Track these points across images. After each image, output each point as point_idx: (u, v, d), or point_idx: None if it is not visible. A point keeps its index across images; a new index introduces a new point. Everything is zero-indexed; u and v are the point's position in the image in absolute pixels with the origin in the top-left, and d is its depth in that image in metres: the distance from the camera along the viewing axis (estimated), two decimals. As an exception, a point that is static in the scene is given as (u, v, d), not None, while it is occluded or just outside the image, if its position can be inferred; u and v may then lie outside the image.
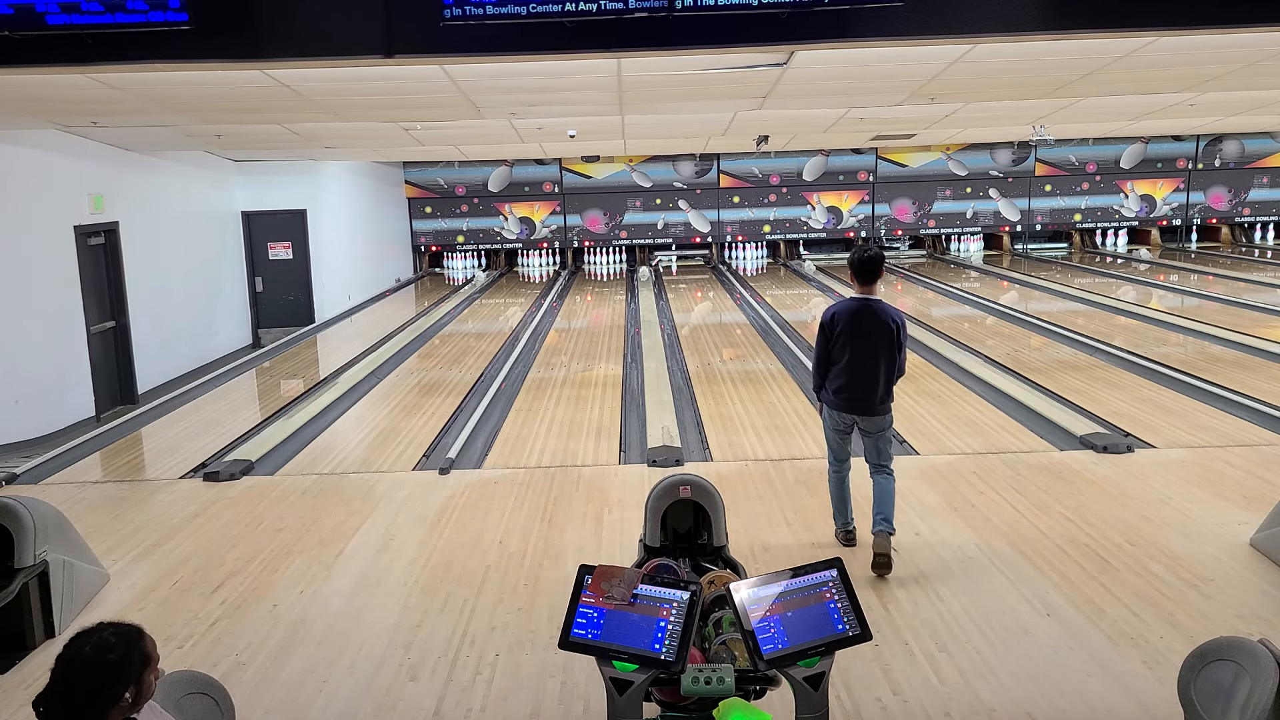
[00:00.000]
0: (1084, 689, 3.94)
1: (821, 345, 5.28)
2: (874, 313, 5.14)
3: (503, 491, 6.65)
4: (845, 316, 5.19)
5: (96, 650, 2.28)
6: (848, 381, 5.17)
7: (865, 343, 5.10)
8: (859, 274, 5.22)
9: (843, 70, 7.34)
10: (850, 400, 5.20)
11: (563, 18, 4.91)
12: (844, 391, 5.20)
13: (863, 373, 5.13)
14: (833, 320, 5.21)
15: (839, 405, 5.24)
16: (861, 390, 5.15)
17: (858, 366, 5.13)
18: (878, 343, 5.09)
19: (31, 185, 9.09)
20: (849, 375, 5.15)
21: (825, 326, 5.24)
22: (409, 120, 10.00)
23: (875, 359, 5.10)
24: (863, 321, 5.14)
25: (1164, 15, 5.21)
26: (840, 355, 5.17)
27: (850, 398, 5.19)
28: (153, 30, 4.95)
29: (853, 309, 5.18)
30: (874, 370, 5.11)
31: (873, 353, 5.10)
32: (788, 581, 2.86)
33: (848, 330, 5.15)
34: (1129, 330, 12.16)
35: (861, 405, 5.19)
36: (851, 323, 5.16)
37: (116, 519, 6.38)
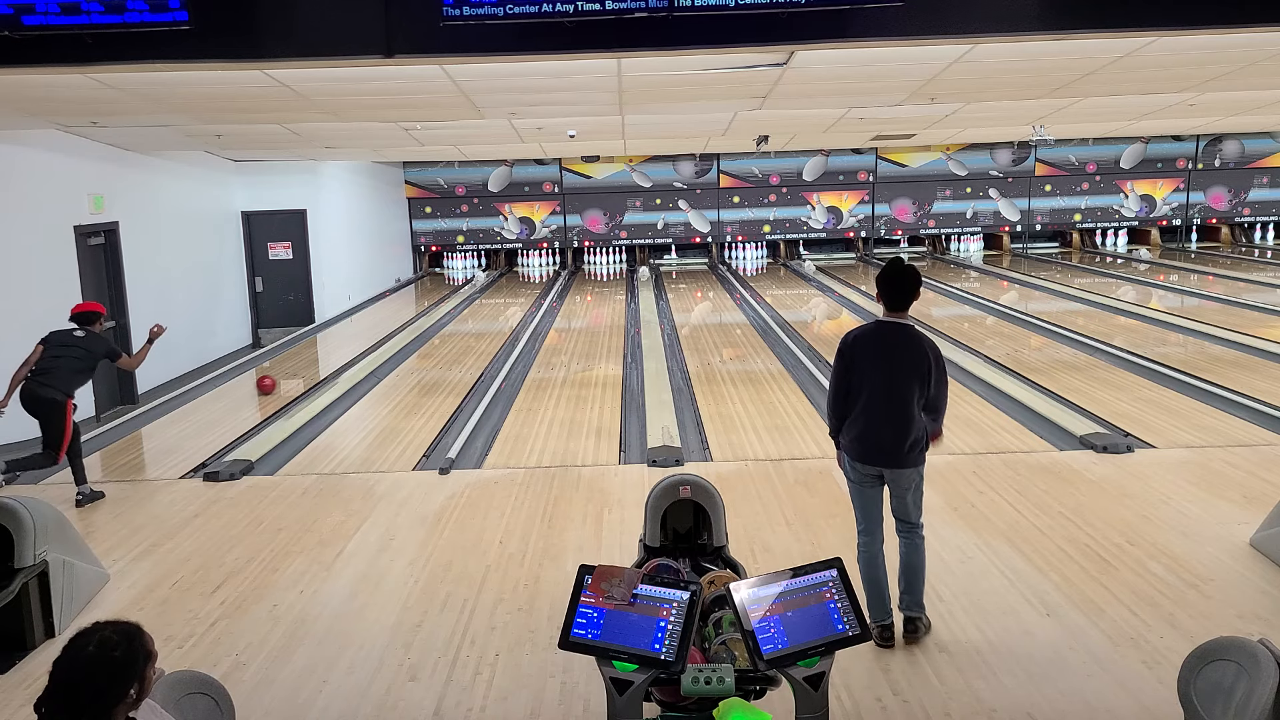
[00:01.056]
0: (1084, 689, 3.94)
1: (838, 377, 4.37)
2: (902, 338, 4.26)
3: (503, 491, 6.65)
4: (866, 343, 4.31)
5: (100, 649, 2.28)
6: (869, 424, 4.27)
7: (890, 376, 4.22)
8: (885, 292, 4.33)
9: (843, 70, 7.34)
10: (871, 448, 4.29)
11: (563, 18, 4.91)
12: (865, 438, 4.29)
13: (887, 414, 4.23)
14: (852, 346, 4.32)
15: (857, 453, 4.34)
16: (886, 436, 4.24)
17: (881, 406, 4.24)
18: (907, 376, 4.22)
19: (31, 185, 9.08)
20: (870, 416, 4.27)
21: (843, 353, 4.34)
22: (409, 120, 10.00)
23: (903, 396, 4.20)
24: (887, 349, 4.27)
25: (1164, 15, 5.20)
26: (859, 391, 4.29)
27: (871, 445, 4.29)
28: (153, 30, 4.95)
29: (876, 333, 4.32)
30: (901, 410, 4.21)
31: (899, 389, 4.20)
32: (788, 581, 2.86)
33: (869, 360, 4.27)
34: (1129, 330, 12.16)
35: (886, 455, 4.27)
36: (874, 350, 4.28)
37: (116, 519, 6.38)
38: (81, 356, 6.70)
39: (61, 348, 6.70)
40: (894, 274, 4.29)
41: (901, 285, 4.28)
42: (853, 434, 4.34)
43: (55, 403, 6.59)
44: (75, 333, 6.81)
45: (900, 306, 4.30)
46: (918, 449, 4.27)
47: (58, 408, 6.61)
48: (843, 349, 4.35)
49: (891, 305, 4.31)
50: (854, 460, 4.37)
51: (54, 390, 6.58)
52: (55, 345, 6.72)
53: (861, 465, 4.34)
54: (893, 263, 4.33)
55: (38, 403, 6.60)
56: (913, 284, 4.28)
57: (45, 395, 6.58)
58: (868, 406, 4.26)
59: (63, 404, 6.62)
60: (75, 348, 6.71)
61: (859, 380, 4.28)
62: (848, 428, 4.37)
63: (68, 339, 6.77)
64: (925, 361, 4.22)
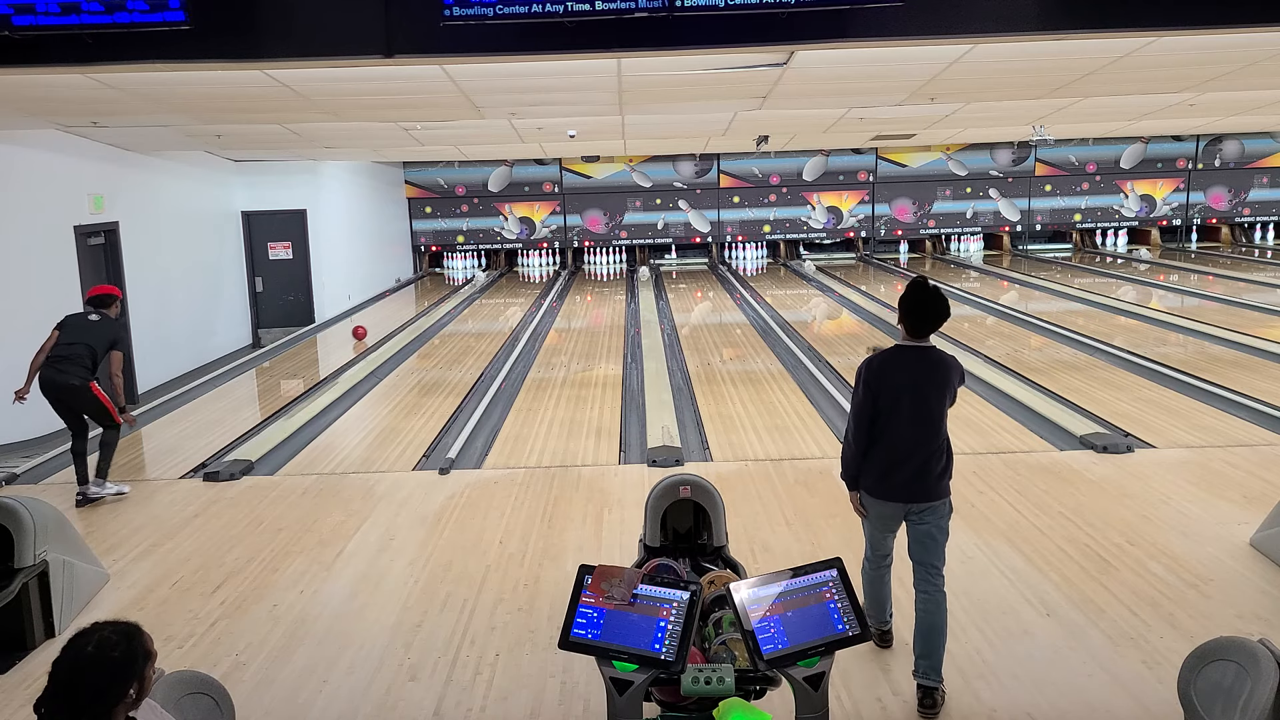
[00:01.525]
0: (1084, 689, 3.94)
1: (864, 406, 3.94)
2: (929, 362, 3.93)
3: (503, 491, 6.65)
4: (893, 369, 3.91)
5: (99, 649, 2.28)
6: (901, 457, 3.89)
7: (922, 403, 3.88)
8: (909, 318, 3.91)
9: (843, 70, 7.34)
10: (902, 484, 3.91)
11: (563, 18, 4.92)
12: (896, 472, 3.90)
13: (919, 443, 3.88)
14: (880, 373, 3.92)
15: (887, 492, 3.94)
16: (918, 467, 3.89)
17: (913, 435, 3.88)
18: (939, 401, 3.90)
19: (31, 185, 9.09)
20: (903, 449, 3.89)
21: (869, 383, 3.93)
22: (409, 120, 10.00)
23: (934, 423, 3.90)
24: (917, 374, 3.90)
25: (1164, 15, 5.20)
26: (889, 421, 3.90)
27: (902, 480, 3.90)
28: (152, 30, 4.95)
29: (902, 358, 3.94)
30: (934, 438, 3.90)
31: (930, 415, 3.89)
32: (788, 581, 2.86)
33: (899, 387, 3.89)
34: (1129, 330, 12.16)
35: (919, 487, 3.90)
36: (903, 376, 3.90)
37: (116, 519, 6.38)
38: (95, 342, 6.67)
39: (76, 333, 6.68)
40: (920, 298, 3.87)
41: (925, 313, 3.87)
42: (881, 470, 3.95)
43: (77, 388, 6.58)
44: (90, 316, 6.80)
45: (924, 334, 3.93)
46: (948, 475, 3.96)
47: (82, 392, 6.60)
48: (868, 378, 3.94)
49: (916, 332, 3.92)
50: (880, 498, 3.98)
51: (72, 376, 6.56)
52: (70, 330, 6.70)
53: (888, 503, 3.96)
54: (917, 285, 3.90)
55: (59, 390, 6.59)
56: (940, 311, 3.87)
57: (64, 382, 6.56)
58: (896, 438, 3.89)
59: (86, 387, 6.61)
60: (89, 332, 6.68)
61: (887, 411, 3.90)
62: (872, 464, 3.97)
63: (82, 323, 6.75)
64: (952, 384, 3.94)
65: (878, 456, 3.96)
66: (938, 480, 3.92)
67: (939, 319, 3.89)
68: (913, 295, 3.89)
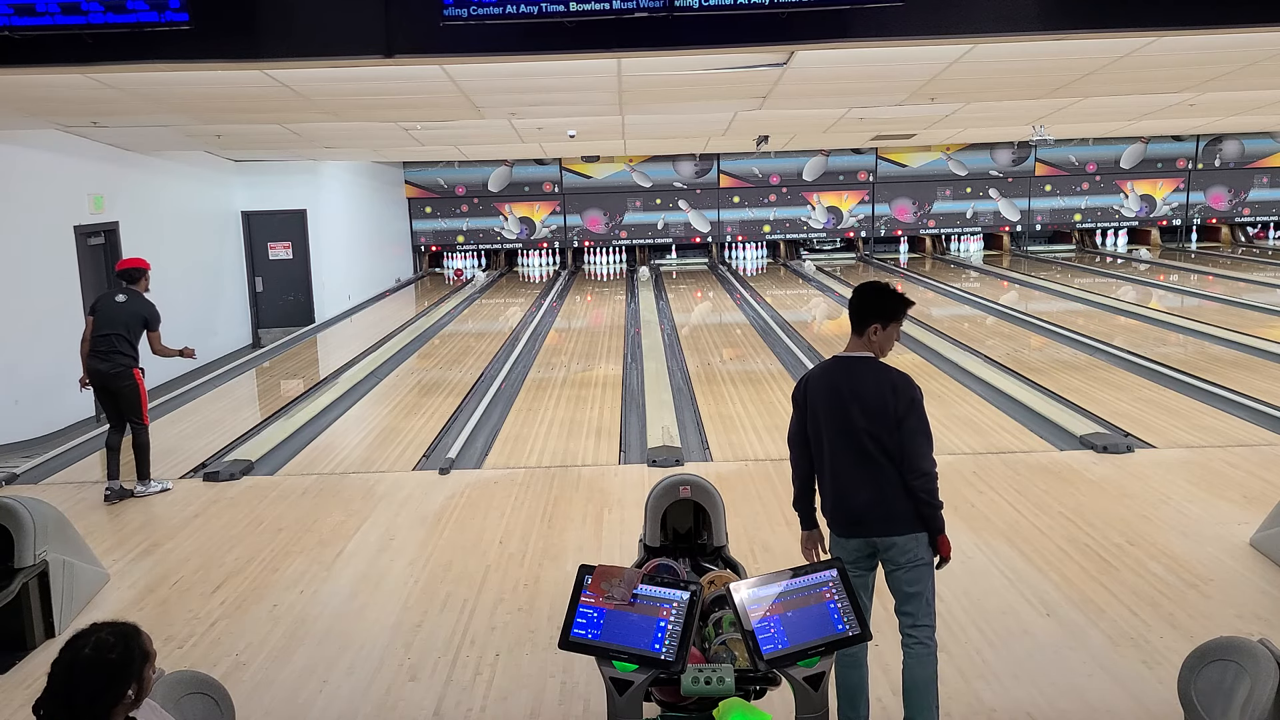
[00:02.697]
0: (1084, 689, 3.94)
1: (791, 429, 3.63)
2: (857, 378, 3.42)
3: (503, 491, 6.65)
4: (819, 387, 3.50)
5: (97, 651, 2.28)
6: (839, 487, 3.46)
7: (844, 424, 3.39)
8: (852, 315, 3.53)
9: (843, 70, 7.34)
10: (847, 517, 3.46)
11: (563, 18, 4.91)
12: (838, 506, 3.49)
13: (854, 473, 3.40)
14: (804, 390, 3.55)
15: (833, 523, 3.54)
16: (859, 499, 3.40)
17: (845, 463, 3.42)
18: (869, 422, 3.35)
19: (31, 185, 9.09)
20: (837, 478, 3.46)
21: (795, 398, 3.61)
22: (409, 120, 10.00)
23: (861, 448, 3.37)
24: (841, 393, 3.41)
25: (1164, 15, 5.20)
26: (820, 447, 3.50)
27: (845, 513, 3.47)
28: (153, 30, 4.95)
29: (831, 374, 3.49)
30: (870, 464, 3.37)
31: (856, 438, 3.37)
32: (788, 581, 2.86)
33: (820, 403, 3.47)
34: (1129, 330, 12.16)
35: (865, 522, 3.42)
36: (829, 395, 3.44)
37: (116, 519, 6.38)
38: (125, 326, 6.62)
39: (105, 320, 6.63)
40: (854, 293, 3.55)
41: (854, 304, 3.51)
42: (825, 500, 3.56)
43: (119, 375, 6.57)
44: (117, 298, 6.74)
45: (856, 330, 3.49)
46: (908, 512, 3.37)
47: (125, 378, 6.59)
48: (796, 399, 3.59)
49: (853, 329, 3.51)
50: (831, 527, 3.55)
51: (112, 363, 6.55)
52: (100, 317, 6.65)
53: (845, 538, 3.49)
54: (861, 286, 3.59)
55: (103, 378, 6.59)
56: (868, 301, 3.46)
57: (106, 369, 6.56)
58: (834, 464, 3.45)
59: (129, 372, 6.60)
60: (117, 317, 6.63)
61: (816, 432, 3.50)
62: (821, 493, 3.59)
63: (110, 308, 6.69)
64: (888, 401, 3.34)
65: (824, 486, 3.55)
66: (894, 512, 3.37)
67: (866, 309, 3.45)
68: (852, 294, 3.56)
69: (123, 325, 6.62)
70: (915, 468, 3.33)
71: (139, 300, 6.78)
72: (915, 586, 3.41)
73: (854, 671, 3.54)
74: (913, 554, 3.40)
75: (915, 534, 3.39)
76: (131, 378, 6.64)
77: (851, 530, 3.47)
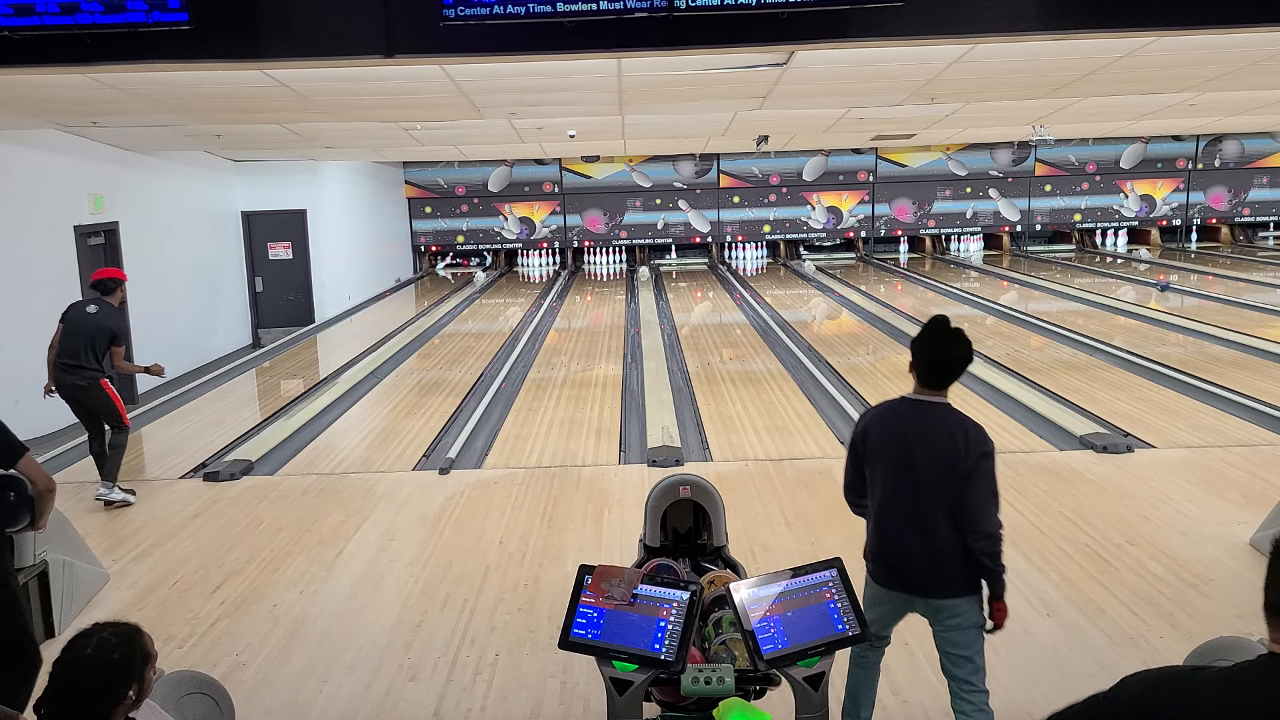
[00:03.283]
0: (1084, 689, 3.92)
1: (848, 471, 3.43)
2: (927, 423, 3.19)
3: (503, 491, 6.65)
4: (882, 428, 3.27)
5: (99, 651, 2.28)
6: (885, 537, 3.27)
7: (908, 474, 3.18)
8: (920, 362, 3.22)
9: (843, 70, 7.33)
10: (890, 568, 3.28)
11: (563, 18, 4.91)
12: (882, 555, 3.30)
13: (906, 524, 3.20)
14: (864, 433, 3.31)
15: (876, 570, 3.33)
16: (908, 552, 3.20)
17: (897, 512, 3.23)
18: (933, 474, 3.14)
19: (31, 185, 9.08)
20: (886, 526, 3.27)
21: (854, 438, 3.37)
22: (409, 120, 10.00)
23: (924, 502, 3.15)
24: (907, 437, 3.19)
25: (1164, 15, 5.20)
26: (875, 491, 3.29)
27: (890, 564, 3.28)
28: (152, 30, 4.95)
29: (899, 416, 3.25)
30: (924, 520, 3.16)
31: (920, 491, 3.16)
32: (788, 581, 2.86)
33: (883, 451, 3.25)
34: (1129, 330, 12.17)
35: (911, 578, 3.23)
36: (890, 438, 3.24)
37: (116, 519, 6.39)
38: (91, 339, 6.48)
39: (73, 330, 6.51)
40: (925, 338, 3.20)
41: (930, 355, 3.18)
42: (871, 545, 3.34)
43: (85, 388, 6.48)
44: (88, 309, 6.61)
45: (938, 384, 3.20)
46: (963, 571, 3.16)
47: (92, 391, 6.50)
48: (854, 434, 3.36)
49: (926, 380, 3.21)
50: (875, 581, 3.33)
51: (79, 376, 6.45)
52: (69, 327, 6.55)
53: (883, 589, 3.31)
54: (931, 322, 3.23)
55: (73, 390, 6.51)
56: (961, 357, 3.16)
57: (73, 381, 6.47)
58: (886, 511, 3.25)
59: (96, 384, 6.50)
60: (85, 328, 6.50)
61: (873, 477, 3.28)
62: (868, 539, 3.37)
63: (79, 318, 6.56)
64: (957, 453, 3.10)
65: (870, 529, 3.33)
66: (948, 573, 3.16)
67: (952, 365, 3.15)
68: (922, 333, 3.22)
69: (88, 338, 6.47)
70: (978, 528, 3.12)
71: (109, 313, 6.62)
72: (965, 650, 3.22)
73: (865, 672, 3.49)
74: (963, 617, 3.19)
75: (967, 597, 3.18)
76: (100, 388, 6.52)
77: (896, 583, 3.27)
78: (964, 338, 3.16)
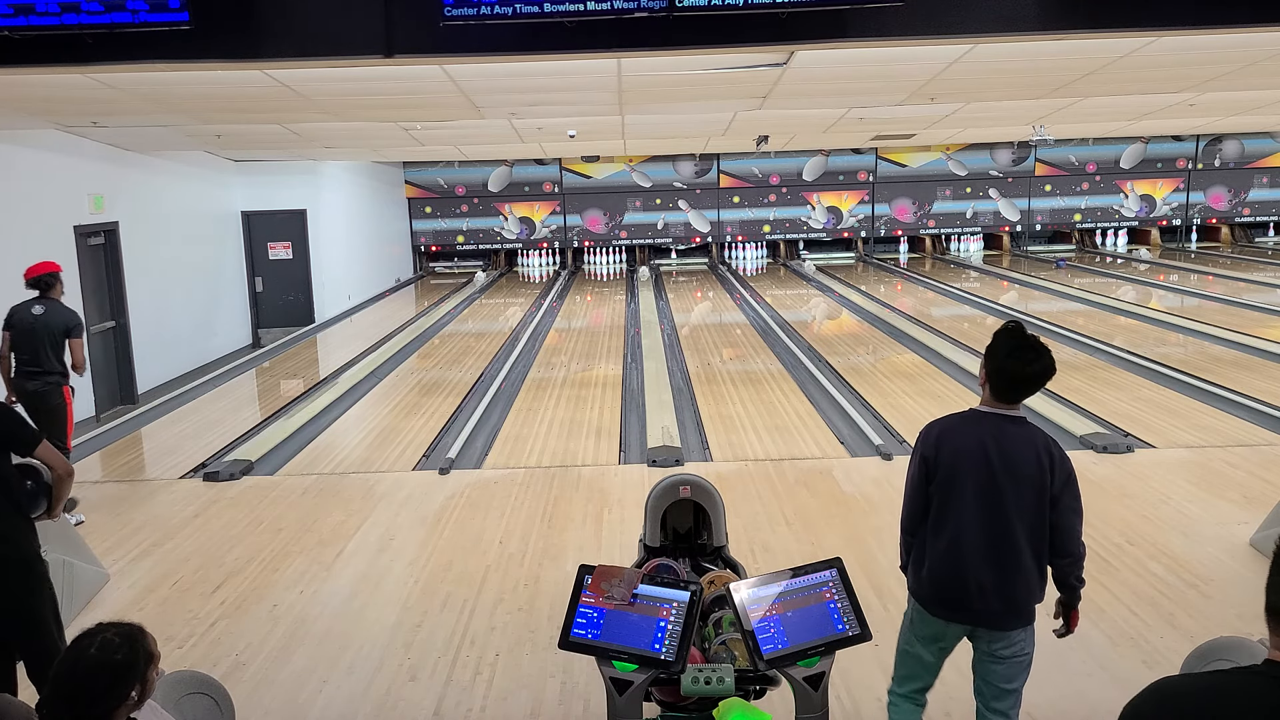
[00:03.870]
0: (1084, 689, 3.94)
1: (916, 484, 3.08)
2: (1008, 441, 2.97)
3: (503, 491, 6.65)
4: (959, 442, 3.00)
5: (102, 651, 2.28)
6: (959, 565, 2.97)
7: (989, 497, 2.93)
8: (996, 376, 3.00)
9: (843, 70, 7.34)
10: (958, 599, 3.00)
11: (563, 18, 4.91)
12: (947, 581, 3.00)
13: (985, 550, 2.94)
14: (937, 447, 3.03)
15: (934, 600, 3.05)
16: (982, 581, 2.95)
17: (975, 538, 2.95)
18: (1017, 495, 2.92)
19: (31, 185, 9.08)
20: (960, 553, 2.97)
21: (925, 454, 3.05)
22: (409, 120, 10.00)
23: (1006, 526, 2.92)
24: (987, 457, 2.95)
25: (1164, 15, 5.21)
26: (945, 513, 2.99)
27: (958, 595, 2.99)
28: (152, 30, 4.95)
29: (981, 429, 3.00)
30: (1003, 546, 2.93)
31: (1005, 513, 2.92)
32: (788, 581, 2.86)
33: (961, 471, 2.97)
34: (1129, 330, 12.17)
35: (979, 608, 2.98)
36: (972, 454, 2.97)
37: (116, 519, 6.38)
38: (43, 342, 6.19)
39: (23, 339, 6.19)
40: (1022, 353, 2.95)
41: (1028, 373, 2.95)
42: (930, 571, 3.03)
43: (49, 393, 6.22)
44: (33, 310, 6.25)
45: (1015, 399, 3.00)
46: (1031, 601, 2.98)
47: (55, 397, 6.23)
48: (923, 449, 3.05)
49: (1004, 395, 2.99)
50: (928, 607, 3.06)
51: (42, 381, 6.20)
52: (17, 335, 6.21)
53: (940, 622, 3.05)
54: (1010, 333, 3.02)
55: (33, 398, 6.21)
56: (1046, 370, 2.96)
57: (36, 388, 6.20)
58: (958, 537, 2.96)
59: (59, 390, 6.24)
60: (35, 333, 6.18)
61: (945, 496, 2.99)
62: (921, 559, 3.07)
63: (25, 323, 6.21)
64: (1044, 472, 2.92)
65: (935, 554, 3.02)
66: (1021, 604, 2.97)
67: (1037, 379, 2.95)
68: (1002, 344, 2.98)
69: (45, 338, 6.17)
70: (1068, 550, 2.95)
71: (57, 309, 6.31)
72: (1015, 683, 3.04)
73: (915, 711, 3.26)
74: (1020, 646, 3.01)
75: (1028, 627, 3.02)
76: (61, 396, 6.26)
77: (962, 615, 3.00)
78: (1047, 349, 2.97)
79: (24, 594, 3.63)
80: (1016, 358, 2.95)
